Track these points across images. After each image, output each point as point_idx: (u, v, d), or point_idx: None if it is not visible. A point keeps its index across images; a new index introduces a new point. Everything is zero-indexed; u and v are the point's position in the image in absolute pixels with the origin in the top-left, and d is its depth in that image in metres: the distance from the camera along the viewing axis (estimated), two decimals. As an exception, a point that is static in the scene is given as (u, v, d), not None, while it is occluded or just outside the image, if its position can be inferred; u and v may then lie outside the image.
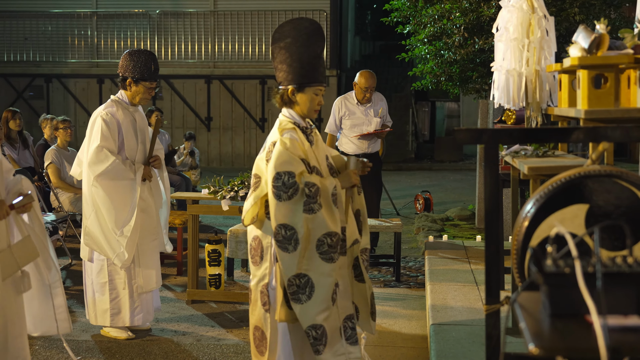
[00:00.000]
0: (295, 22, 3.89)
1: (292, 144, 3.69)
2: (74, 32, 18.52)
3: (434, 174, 16.97)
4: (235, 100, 18.06)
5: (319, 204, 3.60)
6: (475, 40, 8.44)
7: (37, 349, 5.05)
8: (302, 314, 3.65)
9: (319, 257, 3.60)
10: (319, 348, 3.64)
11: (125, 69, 5.22)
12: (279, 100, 3.89)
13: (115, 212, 5.10)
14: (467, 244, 7.02)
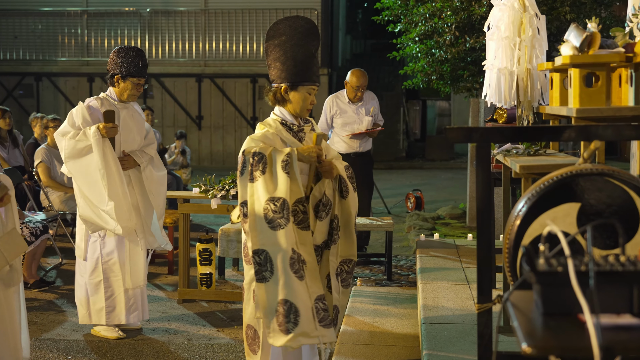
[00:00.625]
0: (290, 20, 3.89)
1: (260, 134, 3.71)
2: (64, 30, 18.46)
3: (425, 172, 16.98)
4: (226, 98, 18.03)
5: (262, 170, 3.59)
6: (466, 39, 8.44)
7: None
8: (269, 292, 3.59)
9: (268, 227, 3.56)
10: (288, 326, 3.57)
11: (113, 65, 5.21)
12: (272, 97, 3.89)
13: (93, 187, 5.06)
14: (458, 242, 7.02)
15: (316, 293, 3.66)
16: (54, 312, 5.85)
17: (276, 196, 3.57)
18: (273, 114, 3.90)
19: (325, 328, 3.65)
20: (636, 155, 3.92)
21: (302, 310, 3.59)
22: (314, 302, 3.63)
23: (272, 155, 3.62)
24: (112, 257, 5.22)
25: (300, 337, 3.61)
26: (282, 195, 3.57)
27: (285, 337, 3.59)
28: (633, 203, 2.82)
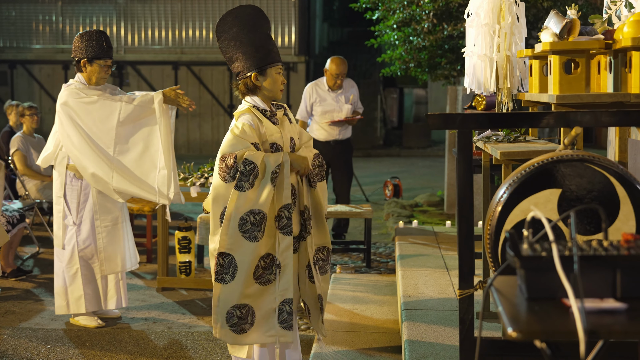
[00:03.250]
0: (236, 11, 3.87)
1: (242, 129, 3.68)
2: (39, 17, 18.26)
3: (403, 160, 17.01)
4: (203, 86, 17.95)
5: (250, 182, 3.58)
6: (444, 26, 8.46)
7: (5, 338, 4.98)
8: (226, 295, 3.62)
9: (242, 236, 3.58)
10: (244, 327, 3.65)
11: (78, 50, 5.16)
12: (243, 89, 3.86)
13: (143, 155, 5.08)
14: (437, 229, 7.05)
15: (284, 296, 3.68)
16: (31, 302, 5.81)
17: (257, 209, 3.59)
18: (245, 102, 3.86)
19: (284, 330, 3.70)
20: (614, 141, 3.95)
21: (259, 313, 3.66)
22: (279, 305, 3.68)
23: (263, 164, 3.60)
24: (88, 244, 5.18)
25: (253, 336, 3.68)
26: (264, 209, 3.60)
27: (237, 336, 3.67)
28: (613, 188, 2.85)
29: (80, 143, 5.05)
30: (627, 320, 1.81)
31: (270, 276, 3.66)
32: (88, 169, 5.06)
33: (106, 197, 5.20)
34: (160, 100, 5.04)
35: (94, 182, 5.10)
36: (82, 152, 5.05)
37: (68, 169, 5.18)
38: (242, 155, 3.60)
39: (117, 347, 4.86)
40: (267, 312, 3.67)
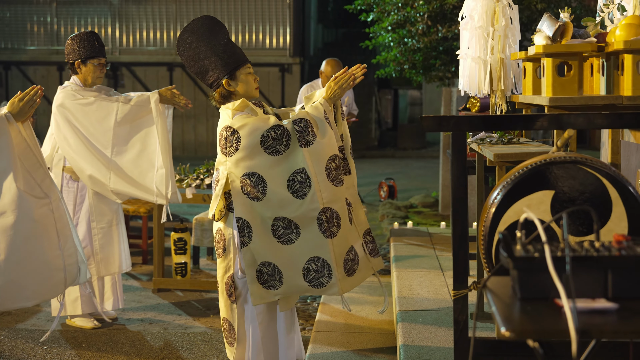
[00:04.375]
0: (190, 26, 3.91)
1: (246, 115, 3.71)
2: (33, 18, 18.26)
3: (397, 161, 17.05)
4: (197, 87, 17.96)
5: (313, 134, 3.64)
6: (438, 28, 8.50)
7: (2, 339, 5.00)
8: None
9: (332, 185, 3.65)
10: (275, 284, 3.73)
11: (70, 53, 5.17)
12: (219, 98, 3.88)
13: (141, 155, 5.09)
14: (431, 230, 7.08)
15: (363, 228, 3.91)
16: (27, 303, 5.83)
17: (333, 154, 3.71)
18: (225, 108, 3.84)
19: (374, 258, 3.92)
20: (607, 143, 3.99)
21: (284, 269, 3.71)
22: (363, 238, 3.89)
23: (312, 117, 3.69)
24: (84, 246, 5.19)
25: (282, 292, 3.75)
26: (336, 151, 3.75)
27: (268, 292, 3.73)
28: (605, 190, 2.88)
29: (77, 145, 5.06)
30: (618, 320, 1.85)
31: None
32: (85, 170, 5.08)
33: (102, 198, 5.21)
34: (156, 100, 5.07)
35: (91, 183, 5.12)
36: (79, 154, 5.07)
37: (64, 170, 5.20)
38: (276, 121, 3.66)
39: (113, 348, 4.88)
40: (296, 272, 3.72)
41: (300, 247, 3.68)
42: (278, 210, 3.66)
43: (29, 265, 3.19)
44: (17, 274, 3.16)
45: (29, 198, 3.13)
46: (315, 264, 3.67)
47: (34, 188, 3.18)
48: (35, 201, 3.16)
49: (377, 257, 3.95)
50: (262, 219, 3.69)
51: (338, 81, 3.81)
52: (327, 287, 3.70)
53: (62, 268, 3.30)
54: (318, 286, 3.70)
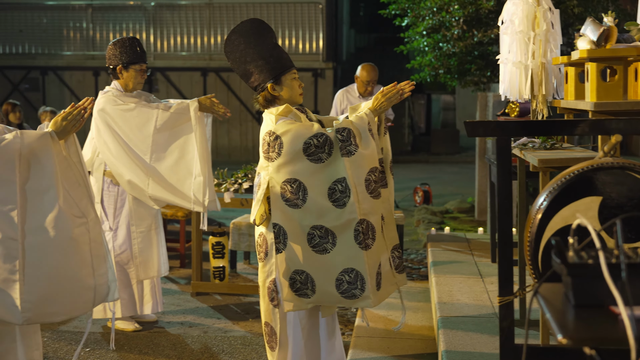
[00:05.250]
0: (238, 29, 3.92)
1: (290, 120, 3.72)
2: (69, 24, 18.47)
3: (430, 166, 17.00)
4: (231, 92, 18.05)
5: (355, 144, 3.63)
6: (474, 32, 8.47)
7: (45, 340, 5.06)
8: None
9: (370, 197, 3.64)
10: (307, 292, 3.72)
11: (112, 58, 5.22)
12: (263, 102, 3.89)
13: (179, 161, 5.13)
14: (469, 236, 7.05)
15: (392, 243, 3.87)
16: (68, 306, 5.89)
17: (374, 167, 3.70)
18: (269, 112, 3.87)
19: (399, 274, 3.89)
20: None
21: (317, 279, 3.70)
22: (390, 253, 3.85)
23: (356, 126, 3.68)
24: (124, 250, 5.25)
25: (314, 301, 3.75)
26: (377, 164, 3.73)
27: (300, 300, 3.73)
28: (654, 196, 2.86)
29: (117, 150, 5.12)
30: (676, 328, 1.83)
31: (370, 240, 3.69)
32: (124, 175, 5.13)
33: (141, 203, 5.26)
34: (195, 108, 5.10)
35: (130, 189, 5.17)
36: (118, 159, 5.13)
37: (105, 175, 5.26)
38: (321, 129, 3.67)
39: (154, 351, 4.92)
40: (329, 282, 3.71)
41: (334, 257, 3.68)
42: (317, 219, 3.67)
43: (62, 283, 3.23)
44: (49, 290, 3.20)
45: (68, 216, 3.18)
46: (348, 276, 3.67)
47: (72, 207, 3.23)
48: (73, 220, 3.20)
49: (402, 274, 3.93)
50: (299, 226, 3.70)
51: (386, 94, 3.81)
52: (359, 299, 3.70)
53: (92, 287, 3.33)
54: (350, 297, 3.70)
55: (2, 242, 3.08)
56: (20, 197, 3.11)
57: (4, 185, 3.10)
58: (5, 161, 3.11)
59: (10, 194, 3.11)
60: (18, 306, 3.10)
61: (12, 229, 3.09)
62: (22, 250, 3.10)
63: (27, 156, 3.14)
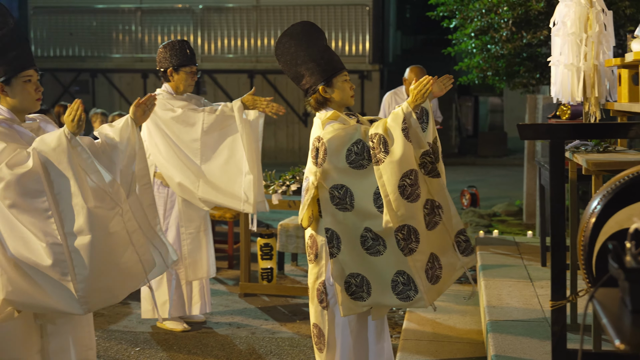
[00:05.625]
0: (288, 32, 3.92)
1: (337, 125, 3.72)
2: (119, 27, 18.72)
3: (478, 169, 16.88)
4: (278, 94, 18.12)
5: (385, 151, 3.60)
6: (523, 34, 8.38)
7: (97, 339, 5.13)
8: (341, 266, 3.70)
9: (406, 202, 3.59)
10: (363, 295, 3.71)
11: (162, 61, 5.27)
12: (314, 104, 3.89)
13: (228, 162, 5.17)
14: (518, 239, 6.98)
15: (457, 228, 3.79)
16: (119, 305, 5.96)
17: (409, 169, 3.61)
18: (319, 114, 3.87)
19: (467, 257, 3.80)
20: None
21: (372, 281, 3.69)
22: (455, 238, 3.77)
23: (386, 129, 3.63)
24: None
25: (369, 304, 3.73)
26: (413, 166, 3.63)
27: (356, 304, 3.72)
28: None
29: (167, 152, 5.17)
30: None
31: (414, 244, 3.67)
32: (174, 178, 5.18)
33: (191, 204, 5.31)
34: (239, 107, 5.11)
35: (180, 191, 5.22)
36: (169, 161, 5.18)
37: (155, 176, 5.32)
38: (363, 135, 3.65)
39: (203, 351, 4.96)
40: (381, 284, 3.70)
41: (387, 259, 3.67)
42: (366, 222, 3.67)
43: (111, 272, 3.32)
44: (102, 283, 3.29)
45: (101, 215, 3.24)
46: (402, 277, 3.66)
47: (103, 200, 3.28)
48: (107, 213, 3.26)
49: (470, 255, 3.83)
50: (352, 229, 3.70)
51: (417, 85, 3.73)
52: (414, 300, 3.68)
53: (138, 261, 3.41)
54: (405, 299, 3.69)
55: (50, 248, 3.16)
56: (53, 203, 3.18)
57: (37, 197, 3.19)
58: (32, 177, 3.19)
59: (44, 204, 3.18)
60: (76, 300, 3.19)
61: (54, 235, 3.17)
62: (67, 253, 3.17)
63: (47, 168, 3.20)
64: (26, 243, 3.18)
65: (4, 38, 3.30)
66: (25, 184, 3.16)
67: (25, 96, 3.36)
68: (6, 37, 3.31)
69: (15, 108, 3.37)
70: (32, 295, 3.22)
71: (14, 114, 3.36)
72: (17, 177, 3.14)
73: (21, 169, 3.16)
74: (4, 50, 3.30)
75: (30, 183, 3.17)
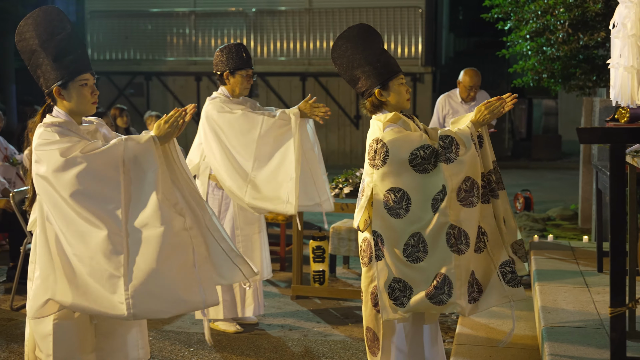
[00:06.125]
0: (345, 35, 3.92)
1: (398, 129, 3.70)
2: (173, 30, 18.94)
3: (531, 172, 16.68)
4: (329, 97, 18.15)
5: (456, 152, 3.59)
6: (579, 36, 8.25)
7: (151, 339, 5.20)
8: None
9: (459, 204, 3.58)
10: (403, 301, 3.67)
11: (219, 64, 5.31)
12: (370, 107, 3.88)
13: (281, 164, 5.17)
14: (573, 244, 6.88)
15: (500, 260, 3.74)
16: (172, 305, 6.02)
17: (467, 176, 3.62)
18: (376, 117, 3.87)
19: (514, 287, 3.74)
20: None
21: (414, 286, 3.66)
22: (499, 268, 3.73)
23: (458, 135, 3.65)
24: (227, 253, 5.33)
25: (408, 309, 3.69)
26: (477, 174, 3.65)
27: (397, 309, 3.69)
28: None
29: (221, 157, 5.20)
30: None
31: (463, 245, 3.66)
32: (225, 182, 5.21)
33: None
34: (297, 114, 5.13)
35: (230, 195, 5.25)
36: (221, 166, 5.21)
37: (210, 179, 5.36)
38: (427, 139, 3.64)
39: (256, 353, 4.98)
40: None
41: (427, 264, 3.65)
42: (414, 227, 3.65)
43: (165, 280, 3.26)
44: (153, 287, 3.23)
45: (168, 218, 3.25)
46: (436, 280, 3.63)
47: (170, 208, 3.30)
48: (173, 218, 3.27)
49: (517, 287, 3.77)
50: (398, 235, 3.67)
51: (489, 106, 3.73)
52: (446, 305, 3.63)
53: (197, 281, 3.34)
54: (438, 303, 3.65)
55: (109, 237, 3.17)
56: (125, 197, 3.21)
57: (109, 185, 3.20)
58: (110, 163, 3.21)
59: (115, 193, 3.20)
60: (123, 302, 3.18)
61: (116, 225, 3.18)
62: (126, 247, 3.19)
63: (130, 160, 3.23)
64: (83, 236, 3.20)
65: (62, 43, 3.36)
66: (101, 168, 3.20)
67: (81, 100, 3.41)
68: (64, 41, 3.36)
69: (72, 111, 3.42)
70: (80, 297, 3.24)
71: (71, 117, 3.42)
72: (94, 159, 3.18)
73: (100, 153, 3.21)
74: (61, 54, 3.35)
75: (107, 168, 3.21)
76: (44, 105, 3.48)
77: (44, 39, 3.35)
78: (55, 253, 3.26)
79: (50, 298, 3.27)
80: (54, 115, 3.41)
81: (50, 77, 3.36)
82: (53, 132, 3.28)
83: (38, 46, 3.35)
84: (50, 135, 3.27)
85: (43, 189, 3.26)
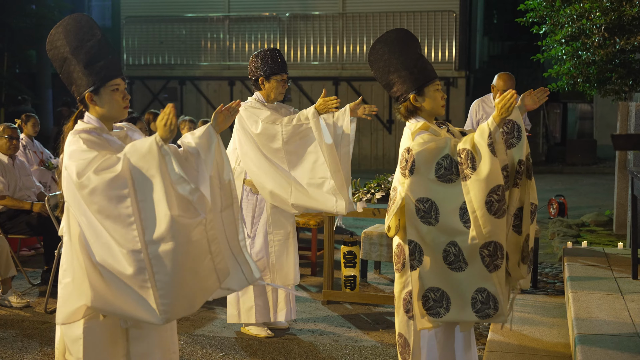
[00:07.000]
0: (383, 39, 3.89)
1: (427, 137, 3.67)
2: (207, 35, 19.05)
3: (566, 177, 16.52)
4: (362, 101, 18.11)
5: (472, 167, 3.51)
6: (615, 40, 8.16)
7: (182, 343, 5.22)
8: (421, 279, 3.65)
9: (493, 217, 3.50)
10: (440, 311, 3.65)
11: (255, 69, 5.33)
12: (404, 112, 3.86)
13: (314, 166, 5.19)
14: (607, 250, 6.79)
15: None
16: (204, 309, 6.04)
17: (496, 185, 3.50)
18: (409, 123, 3.85)
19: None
20: None
21: (452, 296, 3.63)
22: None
23: (474, 144, 3.54)
24: (260, 257, 5.35)
25: (446, 320, 3.67)
26: (500, 181, 3.52)
27: (430, 319, 3.67)
28: None
29: (258, 160, 5.21)
30: None
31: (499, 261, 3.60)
32: (267, 185, 5.21)
33: (280, 211, 5.35)
34: (313, 114, 5.13)
35: (271, 199, 5.25)
36: (261, 169, 5.22)
37: (245, 183, 5.38)
38: (452, 149, 3.59)
39: (287, 358, 4.99)
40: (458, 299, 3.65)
41: (468, 275, 3.61)
42: (450, 236, 3.62)
43: (191, 282, 3.32)
44: (183, 291, 3.29)
45: (184, 222, 3.25)
46: (481, 295, 3.60)
47: (188, 209, 3.30)
48: (189, 222, 3.28)
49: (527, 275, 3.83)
50: (434, 243, 3.65)
51: (501, 99, 3.63)
52: (493, 317, 3.62)
53: (213, 269, 3.41)
54: (485, 317, 3.63)
55: (130, 255, 3.19)
56: (137, 209, 3.22)
57: (122, 200, 3.21)
58: (117, 183, 3.21)
59: (128, 208, 3.21)
60: (156, 309, 3.20)
61: (134, 241, 3.20)
62: (148, 261, 3.20)
63: (134, 170, 3.23)
64: (110, 249, 3.24)
65: (92, 49, 3.38)
66: (111, 188, 3.21)
67: (113, 105, 3.43)
68: (94, 48, 3.39)
69: (104, 117, 3.45)
70: (113, 302, 3.27)
71: (102, 123, 3.44)
72: (104, 182, 3.20)
73: (108, 173, 3.21)
74: (92, 60, 3.38)
75: (117, 188, 3.22)
76: (76, 112, 3.52)
77: (74, 46, 3.38)
78: (85, 259, 3.28)
79: (84, 304, 3.30)
80: (85, 122, 3.44)
81: (82, 83, 3.40)
82: (81, 140, 3.29)
83: (69, 53, 3.39)
84: (77, 144, 3.29)
85: (72, 197, 3.28)
